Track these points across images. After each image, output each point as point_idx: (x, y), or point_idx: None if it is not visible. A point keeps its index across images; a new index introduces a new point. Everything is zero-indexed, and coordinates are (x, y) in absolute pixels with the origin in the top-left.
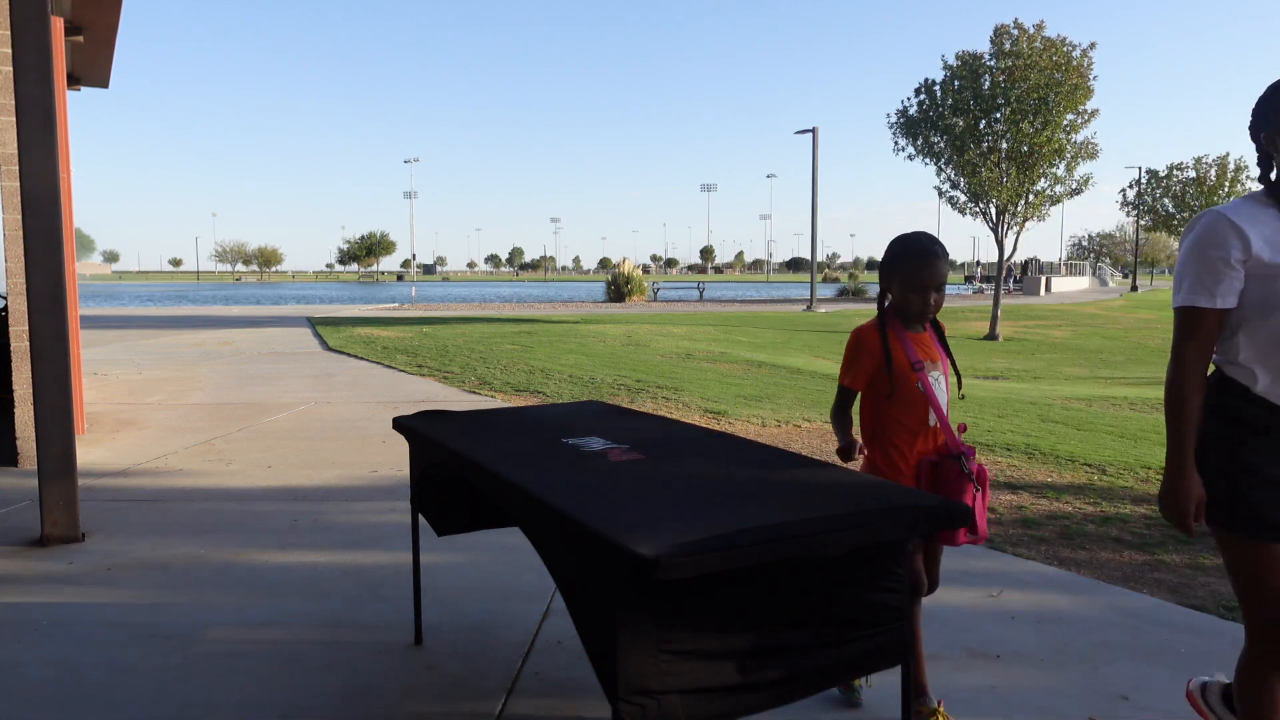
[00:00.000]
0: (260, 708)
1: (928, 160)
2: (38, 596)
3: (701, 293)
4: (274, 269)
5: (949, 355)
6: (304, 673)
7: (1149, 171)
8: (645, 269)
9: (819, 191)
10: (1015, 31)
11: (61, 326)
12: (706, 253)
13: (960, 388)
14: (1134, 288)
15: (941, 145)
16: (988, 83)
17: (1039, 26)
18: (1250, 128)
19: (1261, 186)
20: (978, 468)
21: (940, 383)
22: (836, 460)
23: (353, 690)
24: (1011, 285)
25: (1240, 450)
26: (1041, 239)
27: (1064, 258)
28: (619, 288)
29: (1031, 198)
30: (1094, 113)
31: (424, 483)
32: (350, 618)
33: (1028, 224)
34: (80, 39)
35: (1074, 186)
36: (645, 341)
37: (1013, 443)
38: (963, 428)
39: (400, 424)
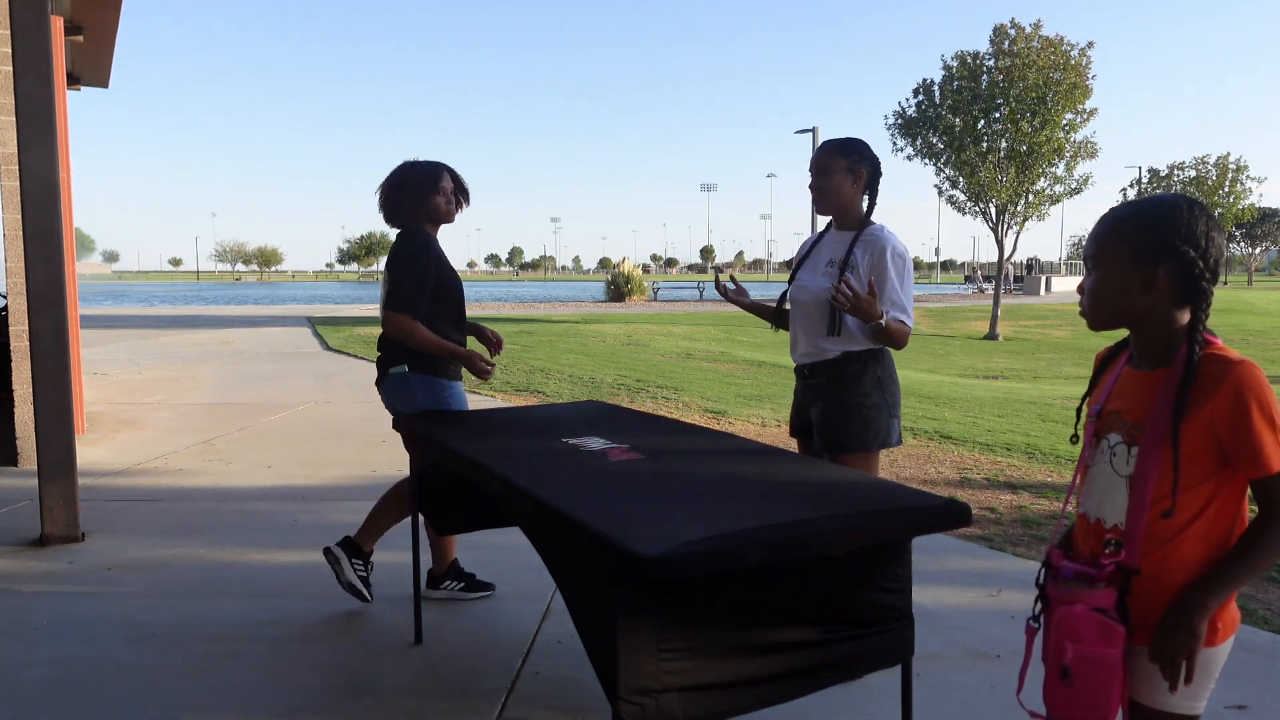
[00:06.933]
0: (260, 708)
1: (927, 160)
2: (38, 596)
3: (701, 293)
4: (274, 269)
5: (1173, 426)
6: (304, 673)
7: (1150, 170)
8: (645, 269)
9: None
10: (1013, 31)
11: (61, 326)
12: (706, 252)
13: (1174, 504)
14: None
15: (940, 145)
16: (986, 82)
17: (1036, 25)
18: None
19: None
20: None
21: (1123, 457)
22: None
23: (353, 690)
24: (1011, 285)
25: None
26: (1041, 239)
27: (1064, 257)
28: (619, 287)
29: (1031, 197)
30: (1093, 112)
31: (424, 483)
32: (350, 618)
33: (1027, 223)
34: (80, 39)
35: (1073, 186)
36: (645, 341)
37: (1013, 443)
38: (1129, 554)
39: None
